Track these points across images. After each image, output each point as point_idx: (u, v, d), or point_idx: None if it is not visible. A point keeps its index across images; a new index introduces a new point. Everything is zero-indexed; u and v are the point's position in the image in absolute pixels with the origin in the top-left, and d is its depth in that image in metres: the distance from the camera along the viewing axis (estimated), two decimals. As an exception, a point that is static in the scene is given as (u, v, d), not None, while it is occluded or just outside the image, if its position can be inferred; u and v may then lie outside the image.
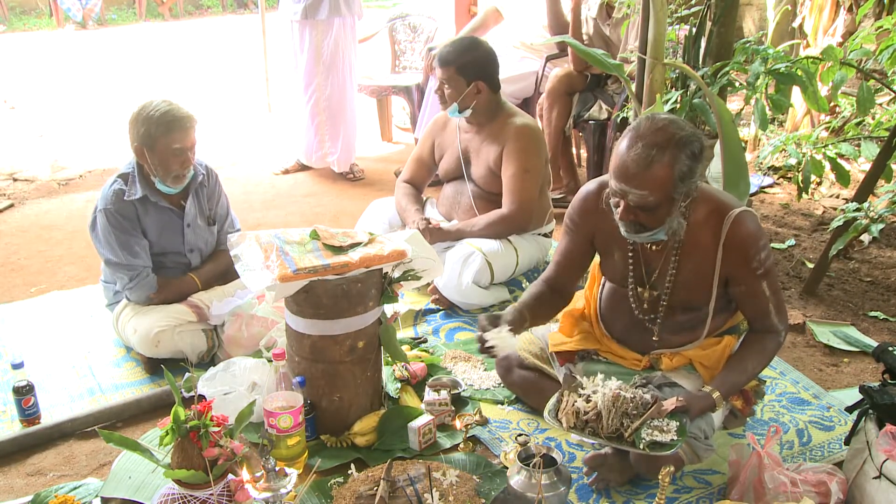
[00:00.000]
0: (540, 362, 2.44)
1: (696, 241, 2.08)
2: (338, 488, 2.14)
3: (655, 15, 2.87)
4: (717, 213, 2.05)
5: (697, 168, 1.95)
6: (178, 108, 2.71)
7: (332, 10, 4.54)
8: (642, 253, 2.16)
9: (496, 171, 3.18)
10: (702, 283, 2.10)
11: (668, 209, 1.97)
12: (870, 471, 1.96)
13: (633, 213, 1.98)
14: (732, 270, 2.06)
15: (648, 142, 1.91)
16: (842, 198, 4.33)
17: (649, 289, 2.17)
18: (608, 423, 1.99)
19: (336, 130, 4.81)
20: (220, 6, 13.46)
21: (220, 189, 3.01)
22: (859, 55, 2.97)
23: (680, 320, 2.18)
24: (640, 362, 2.24)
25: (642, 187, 1.91)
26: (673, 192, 1.93)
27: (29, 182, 4.99)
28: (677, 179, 1.92)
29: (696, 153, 1.93)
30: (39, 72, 8.63)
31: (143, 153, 2.70)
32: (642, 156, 1.90)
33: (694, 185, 1.98)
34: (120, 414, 2.54)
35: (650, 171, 1.90)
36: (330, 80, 4.69)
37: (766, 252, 2.06)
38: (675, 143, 1.91)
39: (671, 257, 2.12)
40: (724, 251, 2.04)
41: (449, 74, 3.12)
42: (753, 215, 2.07)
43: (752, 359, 2.10)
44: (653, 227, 2.00)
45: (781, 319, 2.12)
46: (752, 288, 2.08)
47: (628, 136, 1.95)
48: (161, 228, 2.83)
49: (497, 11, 4.71)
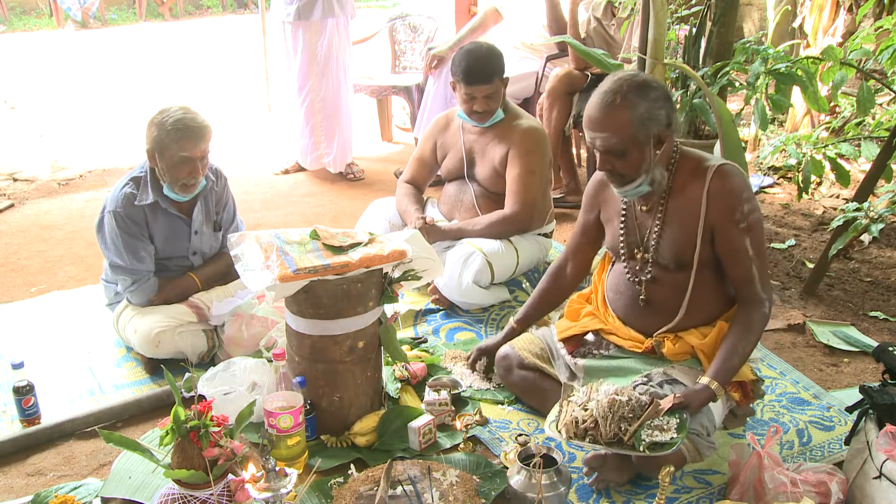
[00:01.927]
0: (540, 362, 2.44)
1: (683, 195, 2.17)
2: (338, 488, 2.14)
3: (655, 15, 2.88)
4: (701, 167, 2.16)
5: (658, 110, 2.07)
6: (194, 116, 2.68)
7: (326, 11, 4.53)
8: (635, 216, 2.27)
9: (501, 171, 3.18)
10: (689, 237, 2.15)
11: (639, 154, 2.09)
12: (870, 471, 1.96)
13: (609, 161, 2.12)
14: (716, 222, 2.12)
15: (606, 89, 2.09)
16: (842, 198, 4.33)
17: (641, 251, 2.25)
18: (606, 429, 1.99)
19: (331, 131, 4.80)
20: (220, 6, 13.46)
21: (228, 193, 3.01)
22: (859, 55, 2.97)
23: (670, 282, 2.21)
24: (642, 344, 2.25)
25: (603, 129, 2.08)
26: (635, 132, 2.06)
27: (29, 182, 4.99)
28: (636, 121, 2.05)
29: (652, 97, 2.06)
30: (39, 72, 8.64)
31: (154, 158, 2.70)
32: (601, 101, 2.08)
33: (659, 128, 2.08)
34: (120, 414, 2.54)
35: (607, 114, 2.07)
36: (324, 80, 4.68)
37: (751, 206, 2.11)
38: (628, 87, 2.06)
39: (657, 213, 2.20)
40: (708, 201, 2.11)
41: (495, 86, 3.11)
42: (738, 170, 2.16)
43: (742, 339, 2.11)
44: (631, 176, 2.12)
45: (765, 288, 2.14)
46: (735, 244, 2.11)
47: (595, 92, 2.13)
48: (168, 235, 2.82)
49: (496, 11, 4.71)
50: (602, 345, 2.35)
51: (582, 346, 2.37)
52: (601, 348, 2.34)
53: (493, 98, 3.13)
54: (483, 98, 3.12)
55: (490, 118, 3.18)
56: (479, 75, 3.09)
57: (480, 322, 3.10)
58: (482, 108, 3.14)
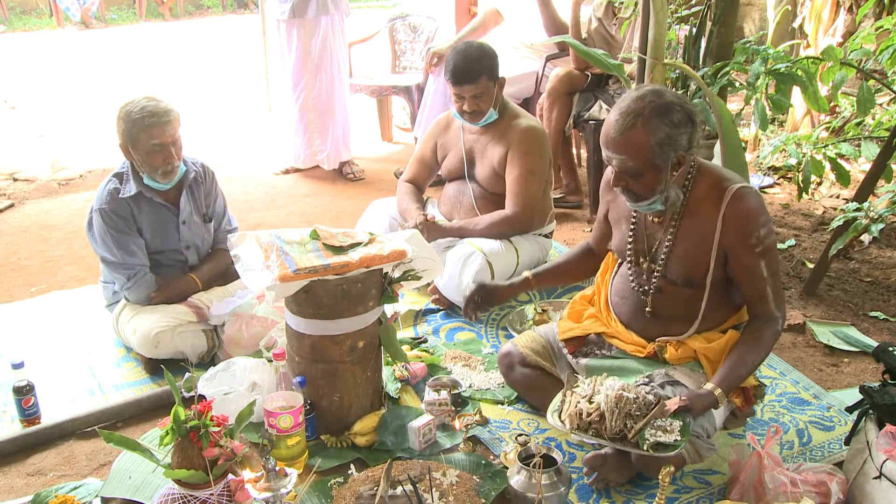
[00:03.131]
0: (542, 360, 2.44)
1: (697, 214, 2.13)
2: (338, 488, 2.14)
3: (656, 15, 2.87)
4: (719, 187, 2.10)
5: (680, 135, 2.00)
6: (158, 103, 2.70)
7: (320, 9, 4.55)
8: (645, 225, 2.23)
9: (500, 171, 3.18)
10: (701, 256, 2.12)
11: (656, 176, 2.04)
12: (870, 471, 1.96)
13: (623, 179, 2.07)
14: (731, 245, 2.09)
15: (627, 110, 2.00)
16: (842, 198, 4.33)
17: (649, 261, 2.22)
18: (612, 424, 1.98)
19: (325, 128, 4.81)
20: (220, 6, 13.47)
21: (217, 187, 3.02)
22: (859, 55, 2.97)
23: (677, 296, 2.19)
24: (644, 349, 2.24)
25: (620, 152, 2.02)
26: (652, 157, 2.00)
27: (29, 182, 4.99)
28: (655, 145, 1.99)
29: (675, 121, 1.99)
30: (39, 72, 8.64)
31: (129, 150, 2.72)
32: (620, 122, 2.00)
33: (679, 153, 2.03)
34: (120, 414, 2.54)
35: (626, 137, 2.00)
36: (318, 78, 4.69)
37: (767, 230, 2.07)
38: (650, 109, 1.98)
39: (670, 228, 2.16)
40: (724, 224, 2.07)
41: (482, 85, 3.08)
42: (756, 192, 2.11)
43: (751, 351, 2.10)
44: (644, 195, 2.08)
45: (779, 306, 2.12)
46: (750, 267, 2.08)
47: (615, 106, 2.07)
48: (156, 226, 2.83)
49: (497, 12, 4.71)
50: (604, 345, 2.34)
51: (584, 345, 2.37)
52: (603, 348, 2.34)
53: (481, 98, 3.11)
54: (471, 98, 3.10)
55: (481, 118, 3.17)
56: (466, 75, 3.07)
57: (480, 322, 3.10)
58: (470, 108, 3.13)
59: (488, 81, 3.10)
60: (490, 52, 3.17)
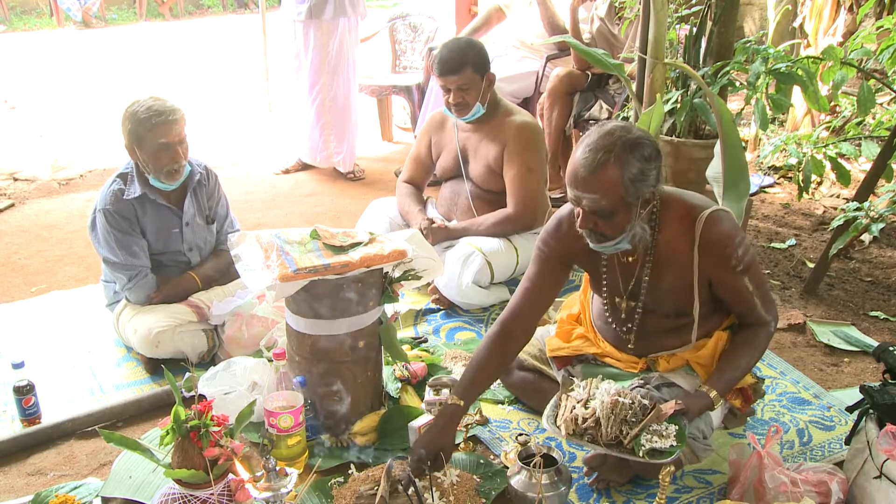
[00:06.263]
0: (539, 363, 2.44)
1: (670, 247, 2.05)
2: (338, 488, 2.14)
3: (656, 15, 2.87)
4: (689, 216, 2.02)
5: (650, 171, 1.92)
6: (163, 102, 2.70)
7: (338, 11, 4.54)
8: (618, 264, 2.15)
9: (496, 169, 3.17)
10: (683, 287, 2.08)
11: (626, 215, 1.95)
12: (870, 470, 1.96)
13: (592, 220, 1.97)
14: (712, 272, 2.04)
15: (596, 146, 1.90)
16: (842, 197, 4.33)
17: (627, 299, 2.16)
18: (607, 430, 1.97)
19: (342, 130, 4.81)
20: (221, 6, 13.46)
21: (220, 189, 3.01)
22: (860, 55, 2.97)
23: (667, 326, 2.16)
24: (637, 364, 2.23)
25: (592, 191, 1.91)
26: (624, 195, 1.91)
27: (29, 182, 4.98)
28: (627, 182, 1.90)
29: (646, 156, 1.91)
30: (39, 72, 8.63)
31: (134, 151, 2.71)
32: (590, 160, 1.90)
33: (649, 189, 1.95)
34: (120, 414, 2.54)
35: (598, 175, 1.89)
36: (335, 80, 4.68)
37: (744, 248, 2.02)
38: (621, 145, 1.89)
39: (645, 266, 2.10)
40: (700, 253, 2.02)
41: (466, 77, 3.06)
42: (726, 213, 2.04)
43: (745, 353, 2.10)
44: (613, 236, 1.98)
45: (769, 310, 2.11)
46: (734, 287, 2.06)
47: (581, 143, 1.96)
48: (159, 227, 2.82)
49: (500, 10, 4.72)
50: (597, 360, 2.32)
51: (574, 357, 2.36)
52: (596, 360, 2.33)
53: (467, 91, 3.08)
54: (456, 90, 3.08)
55: (468, 112, 3.14)
56: (450, 66, 3.06)
57: (480, 322, 3.10)
58: (455, 101, 3.11)
59: (474, 74, 3.07)
60: (477, 45, 3.17)
